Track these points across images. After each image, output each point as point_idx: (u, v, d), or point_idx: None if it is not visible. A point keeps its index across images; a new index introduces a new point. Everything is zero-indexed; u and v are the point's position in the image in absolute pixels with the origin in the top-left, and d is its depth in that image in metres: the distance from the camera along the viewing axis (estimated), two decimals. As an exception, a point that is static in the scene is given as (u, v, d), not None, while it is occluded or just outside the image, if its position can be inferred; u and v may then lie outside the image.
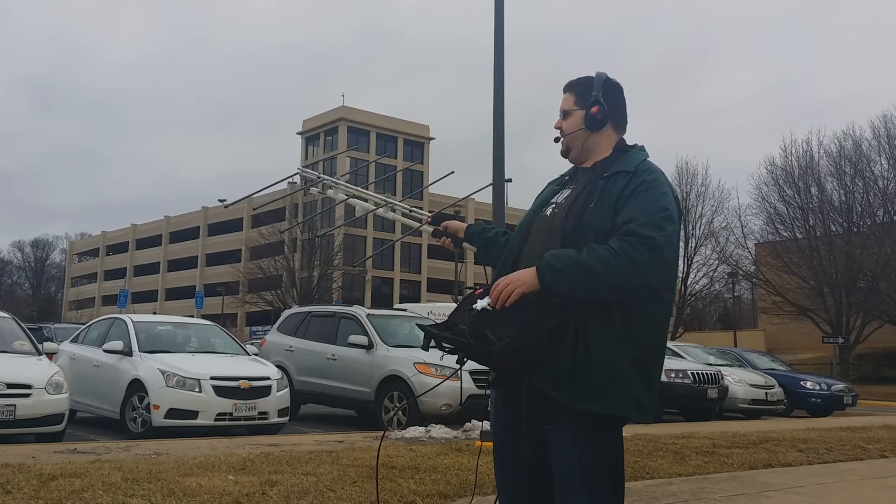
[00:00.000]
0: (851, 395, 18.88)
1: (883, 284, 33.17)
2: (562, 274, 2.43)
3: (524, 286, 2.46)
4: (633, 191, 2.56)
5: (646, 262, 2.43)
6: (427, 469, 6.31)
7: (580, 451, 2.48)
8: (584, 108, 2.78)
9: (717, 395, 15.30)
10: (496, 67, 9.55)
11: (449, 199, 69.45)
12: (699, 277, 42.01)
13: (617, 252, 2.42)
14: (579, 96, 2.81)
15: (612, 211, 2.54)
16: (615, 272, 2.41)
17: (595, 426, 2.49)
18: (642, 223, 2.47)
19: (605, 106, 2.76)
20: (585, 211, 2.59)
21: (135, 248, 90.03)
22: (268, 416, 10.18)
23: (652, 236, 2.45)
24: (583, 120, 2.78)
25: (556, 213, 2.71)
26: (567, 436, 2.49)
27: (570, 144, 2.81)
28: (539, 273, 2.46)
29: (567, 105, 2.83)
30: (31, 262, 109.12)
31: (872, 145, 35.81)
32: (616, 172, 2.64)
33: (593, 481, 2.48)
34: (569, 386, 2.45)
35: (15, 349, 9.64)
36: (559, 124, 2.84)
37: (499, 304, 2.47)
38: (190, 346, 11.50)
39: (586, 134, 2.78)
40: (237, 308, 62.26)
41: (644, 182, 2.58)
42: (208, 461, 6.35)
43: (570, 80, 2.89)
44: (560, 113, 2.85)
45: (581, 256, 2.44)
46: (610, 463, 2.53)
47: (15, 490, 4.91)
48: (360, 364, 12.04)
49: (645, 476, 6.52)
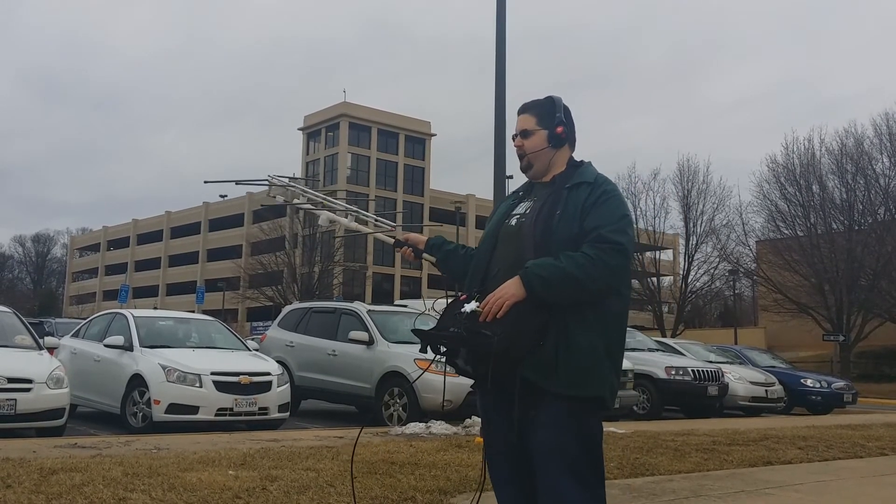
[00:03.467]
0: (851, 393, 18.89)
1: (884, 282, 33.16)
2: (548, 282, 2.70)
3: (514, 297, 2.71)
4: (595, 199, 2.85)
5: (618, 266, 2.77)
6: (427, 465, 6.32)
7: (562, 433, 2.74)
8: (546, 128, 3.03)
9: (718, 393, 15.30)
10: (497, 64, 9.56)
11: (450, 195, 69.46)
12: (700, 275, 42.07)
13: (593, 258, 2.72)
14: (540, 117, 3.05)
15: (578, 218, 2.83)
16: (592, 276, 2.71)
17: (577, 410, 2.76)
18: (610, 230, 2.78)
19: (567, 126, 3.04)
20: (552, 218, 2.85)
21: (136, 243, 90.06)
22: (268, 411, 10.19)
23: (620, 241, 2.77)
24: (546, 139, 3.03)
25: (522, 222, 2.96)
26: (551, 419, 2.75)
27: (533, 161, 3.05)
28: (526, 283, 2.72)
29: (528, 125, 3.05)
30: (33, 256, 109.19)
31: (874, 143, 35.79)
32: (578, 183, 2.92)
33: (574, 462, 2.74)
34: (554, 375, 2.73)
35: (16, 344, 9.66)
36: (520, 143, 3.06)
37: (490, 317, 2.70)
38: (191, 341, 11.51)
39: (551, 152, 3.04)
40: (238, 303, 62.28)
41: (605, 192, 2.88)
42: (209, 456, 6.36)
43: (525, 103, 3.14)
44: (519, 133, 3.07)
45: (561, 264, 2.71)
46: (589, 443, 2.79)
47: (15, 484, 4.91)
48: (360, 360, 12.04)
49: (645, 473, 6.52)
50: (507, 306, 2.69)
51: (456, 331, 2.75)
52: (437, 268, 3.31)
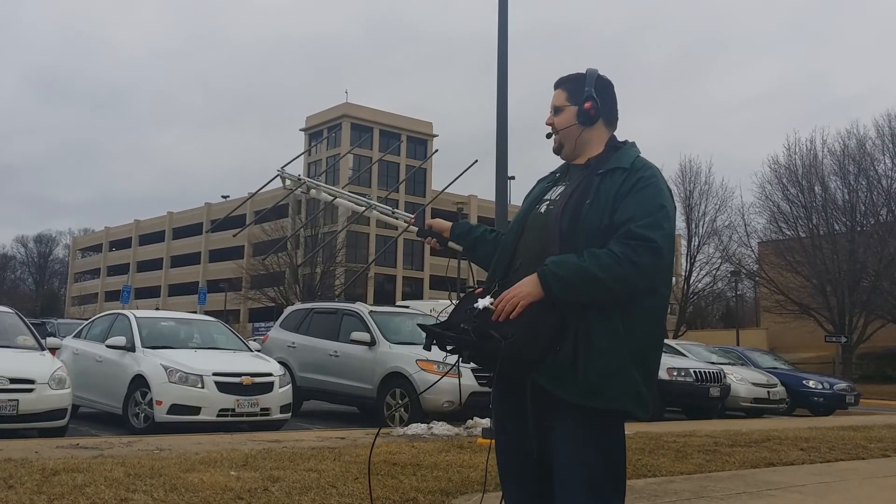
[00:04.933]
0: (854, 395, 18.86)
1: (886, 283, 33.10)
2: (566, 283, 2.45)
3: (529, 297, 2.47)
4: (630, 188, 2.57)
5: (648, 266, 2.47)
6: (429, 466, 6.32)
7: (582, 448, 2.49)
8: (576, 104, 2.78)
9: (720, 394, 15.29)
10: (499, 63, 9.53)
11: (452, 196, 69.46)
12: (702, 276, 42.01)
13: (619, 257, 2.44)
14: (571, 92, 2.80)
15: (609, 208, 2.55)
16: (618, 277, 2.44)
17: (596, 422, 2.50)
18: (643, 224, 2.48)
19: (597, 101, 2.77)
20: (582, 208, 2.59)
21: (138, 243, 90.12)
22: (270, 412, 10.20)
23: (652, 238, 2.47)
24: (575, 115, 2.78)
25: (550, 210, 2.70)
26: (569, 432, 2.50)
27: (563, 140, 2.81)
28: (543, 282, 2.47)
29: (559, 101, 2.82)
30: (35, 257, 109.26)
31: (876, 144, 35.74)
32: (612, 169, 2.64)
33: (595, 478, 2.49)
34: (570, 382, 2.46)
35: (18, 344, 9.67)
36: (550, 120, 2.84)
37: (502, 317, 2.48)
38: (192, 342, 11.52)
39: (579, 129, 2.78)
40: (240, 304, 62.29)
41: (641, 179, 2.59)
42: (210, 457, 6.36)
43: (560, 77, 2.88)
44: (551, 109, 2.85)
45: (584, 263, 2.46)
46: (611, 459, 2.54)
47: (18, 485, 4.92)
48: (362, 361, 12.04)
49: (647, 474, 6.51)
50: (522, 307, 2.46)
51: (465, 328, 2.50)
52: (465, 257, 3.05)
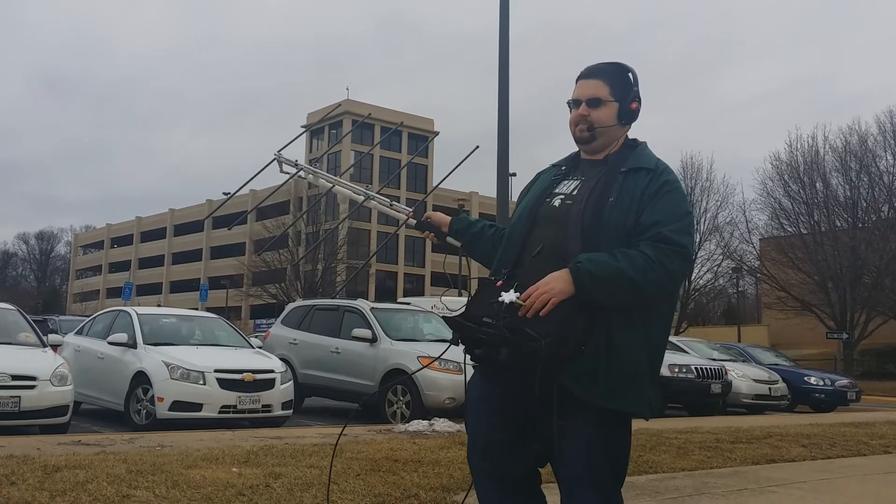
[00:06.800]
0: (855, 391, 18.85)
1: (887, 280, 33.09)
2: (601, 282, 2.40)
3: (561, 294, 2.39)
4: (656, 190, 2.53)
5: (678, 272, 2.47)
6: (430, 462, 6.32)
7: (593, 448, 2.49)
8: (618, 101, 2.67)
9: (721, 390, 15.28)
10: (501, 61, 9.54)
11: (453, 193, 69.40)
12: (703, 272, 41.94)
13: (653, 261, 2.41)
14: (613, 87, 2.67)
15: (634, 208, 2.51)
16: (650, 281, 2.41)
17: (611, 423, 2.51)
18: (673, 229, 2.46)
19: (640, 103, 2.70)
20: (605, 205, 2.53)
21: (139, 240, 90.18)
22: (272, 408, 10.21)
23: (684, 244, 2.46)
24: (617, 114, 2.67)
25: (568, 204, 2.61)
26: (582, 432, 2.48)
27: (598, 135, 2.67)
28: (577, 280, 2.40)
29: (601, 93, 2.66)
30: (36, 254, 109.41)
31: (878, 140, 35.74)
32: (636, 168, 2.59)
33: (603, 477, 2.50)
34: (593, 383, 2.44)
35: (20, 341, 9.67)
36: (586, 111, 2.67)
37: (531, 313, 2.39)
38: (194, 338, 11.52)
39: (620, 129, 2.69)
40: (241, 301, 62.31)
41: (667, 182, 2.56)
42: (212, 453, 6.36)
43: (597, 65, 2.73)
44: (587, 99, 2.67)
45: (619, 263, 2.40)
46: (620, 459, 2.56)
47: (20, 481, 4.92)
48: (363, 357, 12.04)
49: (648, 471, 6.52)
50: (553, 303, 2.37)
51: (493, 323, 2.41)
52: (463, 252, 2.98)
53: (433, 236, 3.03)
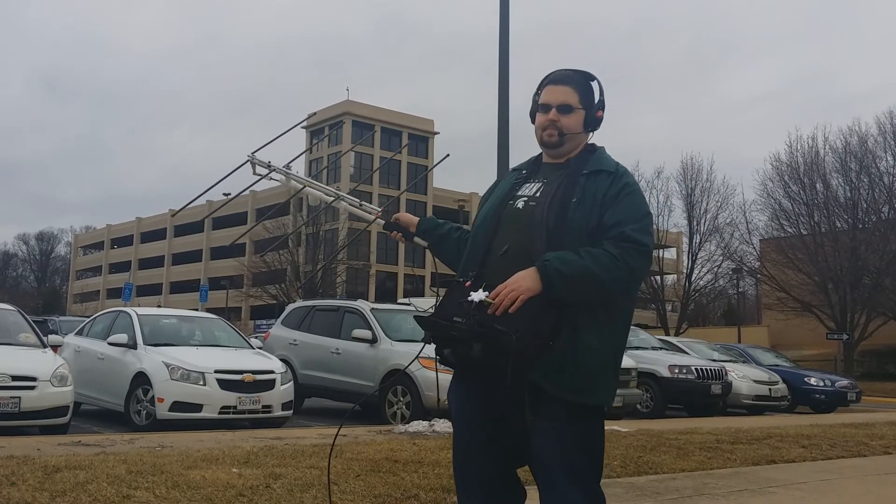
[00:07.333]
0: (855, 392, 18.87)
1: (888, 281, 33.10)
2: (568, 280, 2.47)
3: (529, 291, 2.47)
4: (617, 192, 2.62)
5: (640, 269, 2.57)
6: (430, 463, 6.32)
7: (568, 443, 2.55)
8: (585, 109, 2.77)
9: (721, 391, 15.29)
10: (501, 62, 9.55)
11: (453, 193, 69.47)
12: (703, 273, 41.97)
13: (617, 259, 2.50)
14: (582, 95, 2.78)
15: (597, 209, 2.60)
16: (615, 279, 2.51)
17: (581, 417, 2.57)
18: (635, 228, 2.56)
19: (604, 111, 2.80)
20: (568, 206, 2.61)
21: (139, 241, 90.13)
22: (272, 409, 10.21)
23: (646, 243, 2.56)
24: (584, 121, 2.77)
25: (532, 206, 2.69)
26: (554, 428, 2.54)
27: (567, 140, 2.77)
28: (544, 277, 2.48)
29: (571, 100, 2.76)
30: (37, 254, 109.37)
31: (878, 141, 35.75)
32: (597, 171, 2.68)
33: (580, 471, 2.57)
34: (561, 378, 2.51)
35: (20, 342, 9.68)
36: (556, 117, 2.75)
37: (500, 311, 2.47)
38: (194, 339, 11.53)
39: (585, 135, 2.80)
40: (241, 302, 62.29)
41: (627, 185, 2.65)
42: (212, 454, 6.36)
43: (566, 72, 2.83)
44: (558, 105, 2.75)
45: (585, 262, 2.48)
46: (595, 452, 2.62)
47: (20, 482, 4.92)
48: (363, 358, 12.04)
49: (648, 471, 6.52)
50: (522, 300, 2.45)
51: (459, 320, 2.49)
52: (430, 252, 3.07)
53: (401, 236, 3.10)
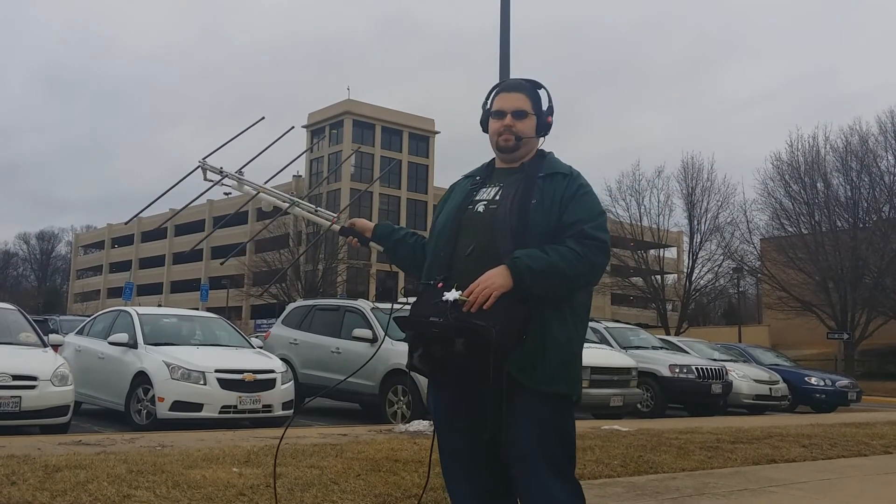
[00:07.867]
0: (856, 391, 18.85)
1: (888, 280, 33.13)
2: (538, 275, 2.60)
3: (501, 288, 2.59)
4: (574, 193, 2.77)
5: (600, 264, 2.72)
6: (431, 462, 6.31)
7: (546, 432, 2.68)
8: (537, 115, 2.92)
9: (722, 391, 15.29)
10: (501, 62, 9.53)
11: (454, 193, 69.28)
12: (704, 272, 41.99)
13: (580, 255, 2.65)
14: (533, 102, 2.92)
15: (556, 209, 2.74)
16: (578, 273, 2.66)
17: (555, 405, 2.70)
18: (593, 226, 2.72)
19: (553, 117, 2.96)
20: (528, 207, 2.74)
21: (140, 240, 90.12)
22: (272, 408, 10.21)
23: (604, 239, 2.73)
24: (536, 126, 2.92)
25: (493, 209, 2.81)
26: (534, 418, 2.67)
27: (523, 144, 2.90)
28: (516, 274, 2.60)
29: (525, 106, 2.90)
30: (37, 254, 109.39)
31: (879, 141, 35.77)
32: (553, 173, 2.83)
33: (557, 459, 2.69)
34: (533, 370, 2.65)
35: (20, 341, 9.68)
36: (511, 122, 2.88)
37: (475, 308, 2.57)
38: (195, 338, 11.53)
39: (536, 140, 2.94)
40: (242, 301, 62.28)
41: (582, 186, 2.81)
42: (213, 454, 6.36)
43: (517, 81, 3.00)
44: (513, 111, 2.89)
45: (551, 258, 2.62)
46: (568, 440, 2.75)
47: (20, 481, 4.92)
48: (364, 357, 12.04)
49: (649, 471, 6.51)
50: (496, 297, 2.57)
51: (436, 320, 2.60)
52: (386, 256, 3.18)
53: (356, 241, 3.20)
